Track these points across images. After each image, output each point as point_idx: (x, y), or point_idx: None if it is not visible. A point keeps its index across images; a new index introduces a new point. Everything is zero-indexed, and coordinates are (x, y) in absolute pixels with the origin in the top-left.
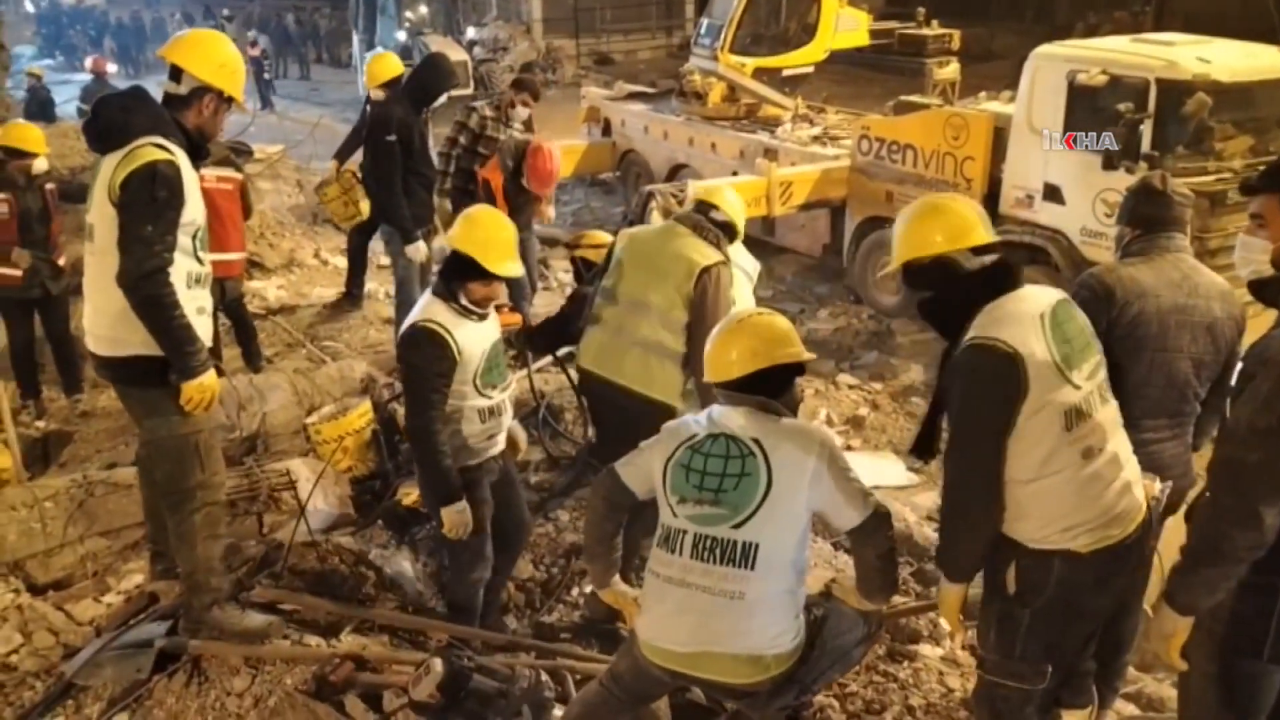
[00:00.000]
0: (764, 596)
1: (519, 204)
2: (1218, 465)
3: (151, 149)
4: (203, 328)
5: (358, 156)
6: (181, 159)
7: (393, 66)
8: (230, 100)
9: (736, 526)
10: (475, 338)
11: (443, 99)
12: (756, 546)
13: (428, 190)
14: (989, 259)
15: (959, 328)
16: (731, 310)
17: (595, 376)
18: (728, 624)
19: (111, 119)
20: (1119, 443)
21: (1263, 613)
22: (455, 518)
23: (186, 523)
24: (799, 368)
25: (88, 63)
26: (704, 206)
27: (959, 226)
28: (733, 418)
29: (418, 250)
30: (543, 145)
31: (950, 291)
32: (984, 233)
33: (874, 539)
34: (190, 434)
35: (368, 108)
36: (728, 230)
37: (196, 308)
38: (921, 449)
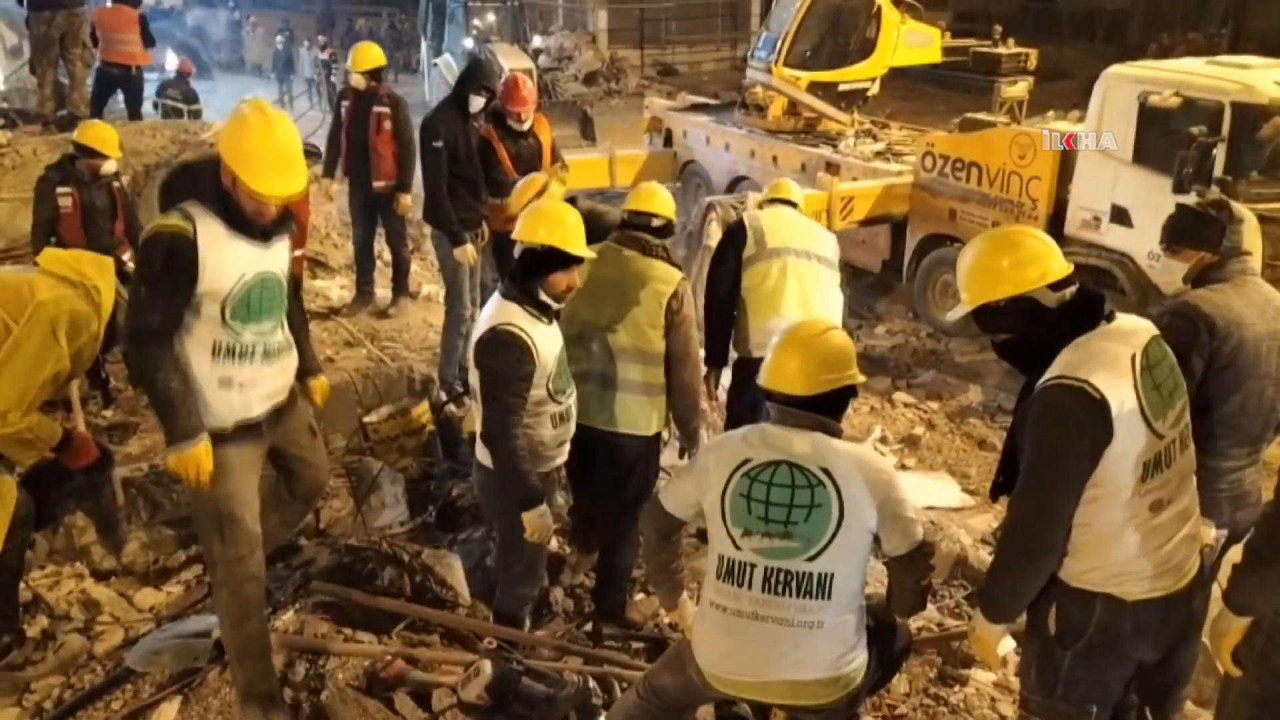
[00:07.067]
0: (841, 622)
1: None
2: None
3: (172, 216)
4: (231, 402)
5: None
6: (205, 230)
7: (375, 56)
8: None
9: (811, 559)
10: (550, 341)
11: (482, 99)
12: (832, 576)
13: (475, 195)
14: (1069, 292)
15: (1043, 365)
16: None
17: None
18: (807, 651)
19: (164, 183)
20: (1188, 495)
21: None
22: (538, 521)
23: (217, 595)
24: (854, 389)
25: (175, 62)
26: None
27: (1031, 261)
28: (793, 441)
29: (464, 253)
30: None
31: (1032, 332)
32: (1059, 264)
33: (918, 567)
34: (211, 499)
35: (344, 103)
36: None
37: (220, 378)
38: (1003, 491)
